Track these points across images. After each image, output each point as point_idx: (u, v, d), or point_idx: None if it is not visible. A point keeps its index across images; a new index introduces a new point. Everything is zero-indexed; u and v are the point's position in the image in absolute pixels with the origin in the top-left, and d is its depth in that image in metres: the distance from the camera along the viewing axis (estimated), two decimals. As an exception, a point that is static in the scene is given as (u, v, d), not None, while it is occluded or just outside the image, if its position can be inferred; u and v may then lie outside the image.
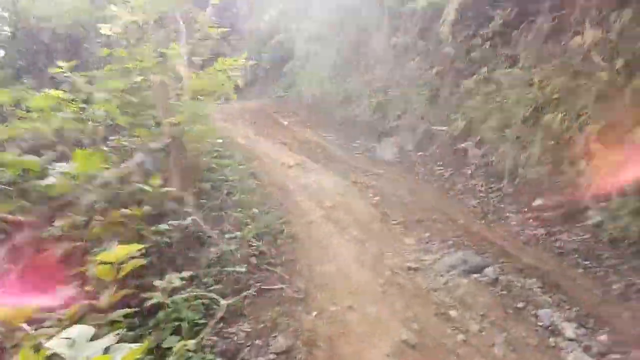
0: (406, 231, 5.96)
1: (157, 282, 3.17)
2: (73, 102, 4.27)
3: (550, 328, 3.90)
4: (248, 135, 9.90)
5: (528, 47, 7.25)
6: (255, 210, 5.26)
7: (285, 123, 11.44)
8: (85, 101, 4.38)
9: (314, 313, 3.92)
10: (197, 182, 4.58)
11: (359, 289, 4.37)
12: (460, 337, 3.80)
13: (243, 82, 5.26)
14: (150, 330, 3.08)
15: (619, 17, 5.67)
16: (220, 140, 5.69)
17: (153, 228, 3.54)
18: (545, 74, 6.80)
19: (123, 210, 3.33)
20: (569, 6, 6.59)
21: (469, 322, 4.00)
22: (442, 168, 8.09)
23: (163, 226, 3.62)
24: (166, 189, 3.85)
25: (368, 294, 4.31)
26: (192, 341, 2.79)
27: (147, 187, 3.47)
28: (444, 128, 8.58)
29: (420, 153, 8.72)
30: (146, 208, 3.46)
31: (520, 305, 4.23)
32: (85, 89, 4.34)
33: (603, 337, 3.82)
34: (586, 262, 5.05)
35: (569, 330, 3.83)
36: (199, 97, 4.60)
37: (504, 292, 4.43)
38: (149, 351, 2.95)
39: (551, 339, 3.77)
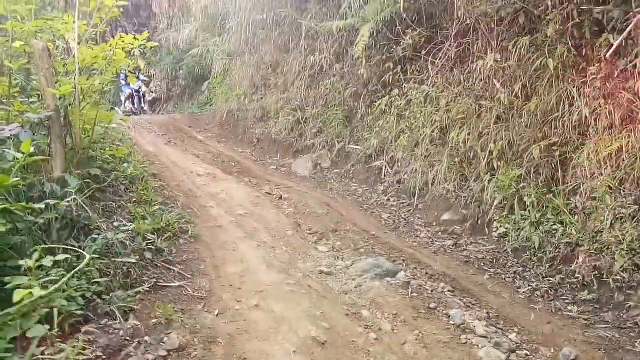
0: (319, 240, 5.77)
1: (22, 262, 2.61)
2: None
3: (462, 326, 3.84)
4: (157, 144, 9.26)
5: (436, 72, 7.63)
6: (156, 207, 4.76)
7: (200, 138, 10.94)
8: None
9: (216, 312, 3.51)
10: (85, 169, 4.00)
11: (267, 289, 4.03)
12: (372, 335, 3.60)
13: (144, 64, 4.80)
14: (13, 318, 2.50)
15: (517, 45, 6.15)
16: (115, 126, 5.13)
17: (23, 204, 2.97)
18: (451, 98, 7.18)
19: (-15, 179, 2.75)
20: (473, 34, 7.06)
21: (381, 321, 3.83)
22: (356, 185, 8.11)
23: (38, 205, 3.06)
24: (41, 157, 3.30)
25: (276, 294, 3.98)
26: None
27: (16, 154, 2.92)
28: (358, 147, 8.68)
29: (336, 170, 8.70)
30: (16, 180, 2.90)
31: (432, 305, 4.15)
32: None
33: (513, 336, 3.84)
34: (492, 270, 5.18)
35: (480, 328, 3.80)
36: (90, 73, 4.09)
37: (415, 295, 4.35)
38: (12, 340, 2.40)
39: (463, 336, 3.70)
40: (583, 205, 5.04)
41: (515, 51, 6.15)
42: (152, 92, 18.78)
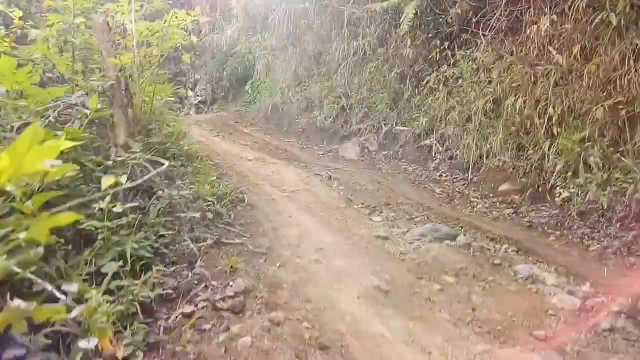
0: (372, 212, 5.69)
1: (95, 204, 2.72)
2: (5, 40, 3.82)
3: (530, 279, 3.68)
4: (207, 136, 9.51)
5: (486, 44, 7.40)
6: (213, 178, 4.86)
7: (246, 131, 11.16)
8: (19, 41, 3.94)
9: (277, 264, 3.53)
10: (145, 136, 4.15)
11: (326, 248, 4.01)
12: (436, 286, 3.50)
13: (196, 38, 4.92)
14: (88, 258, 2.61)
15: (573, 5, 5.87)
16: (173, 98, 5.30)
17: (93, 157, 3.11)
18: (504, 68, 6.95)
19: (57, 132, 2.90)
20: (525, 1, 6.80)
21: (444, 275, 3.72)
22: (406, 164, 7.98)
23: (108, 162, 3.20)
24: (107, 112, 3.45)
25: (335, 251, 3.96)
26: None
27: (84, 110, 3.06)
28: (406, 128, 8.56)
29: (384, 152, 8.60)
30: (87, 134, 3.04)
31: (496, 262, 4.00)
32: (19, 25, 3.90)
33: (585, 287, 3.63)
34: (557, 232, 4.94)
35: (550, 279, 3.62)
36: (147, 44, 4.23)
37: (478, 254, 4.21)
38: (88, 275, 2.50)
39: (532, 286, 3.54)
40: (656, 160, 4.74)
41: (572, 13, 5.87)
42: (198, 95, 19.35)
